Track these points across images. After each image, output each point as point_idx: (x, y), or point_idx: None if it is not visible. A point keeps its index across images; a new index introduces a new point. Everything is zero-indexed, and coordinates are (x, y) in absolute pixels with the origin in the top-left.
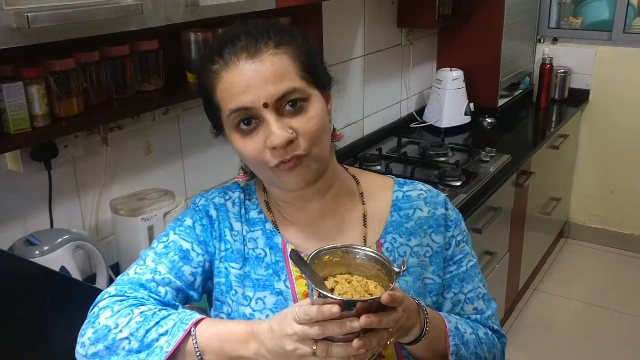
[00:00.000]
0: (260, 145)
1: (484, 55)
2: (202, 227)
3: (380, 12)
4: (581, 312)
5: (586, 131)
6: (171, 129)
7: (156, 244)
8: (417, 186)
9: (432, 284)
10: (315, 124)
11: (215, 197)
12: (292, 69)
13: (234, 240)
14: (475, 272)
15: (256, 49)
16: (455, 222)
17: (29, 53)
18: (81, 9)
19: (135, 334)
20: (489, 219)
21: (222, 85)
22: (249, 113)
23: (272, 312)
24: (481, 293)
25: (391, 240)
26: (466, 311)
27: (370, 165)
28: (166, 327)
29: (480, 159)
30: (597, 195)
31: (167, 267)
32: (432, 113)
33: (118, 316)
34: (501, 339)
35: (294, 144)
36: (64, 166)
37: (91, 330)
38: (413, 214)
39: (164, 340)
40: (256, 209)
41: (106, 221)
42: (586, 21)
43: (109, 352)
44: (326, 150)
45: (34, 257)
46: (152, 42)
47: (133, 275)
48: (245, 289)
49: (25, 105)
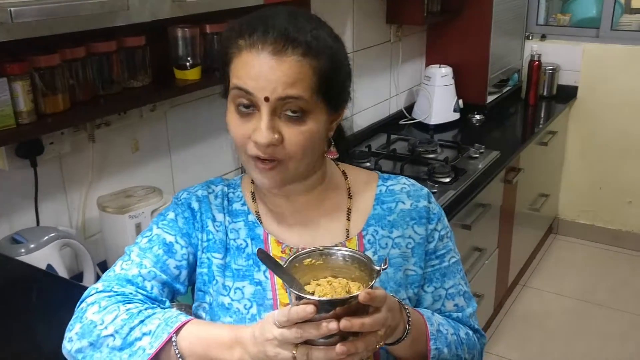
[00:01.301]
0: (248, 132)
1: (473, 52)
2: (184, 220)
3: (369, 8)
4: (570, 307)
5: (574, 128)
6: (158, 125)
7: (140, 238)
8: (400, 180)
9: (413, 275)
10: (305, 140)
11: (198, 190)
12: (307, 80)
13: (216, 230)
14: (457, 269)
15: (284, 49)
16: (438, 215)
17: (13, 49)
18: (66, 4)
19: (119, 331)
20: (478, 215)
21: (238, 61)
22: (249, 97)
23: (250, 302)
24: (462, 290)
25: (373, 233)
26: (447, 307)
27: (359, 162)
28: (150, 326)
29: (469, 156)
30: (585, 191)
31: (152, 261)
32: (422, 110)
33: (105, 313)
34: (481, 339)
35: (276, 148)
36: (50, 163)
37: (79, 325)
38: (395, 207)
39: (147, 341)
40: (240, 201)
41: (93, 219)
42: (574, 18)
43: (92, 348)
44: (305, 166)
45: (19, 255)
46: (139, 38)
47: (120, 271)
48: (225, 279)
49: (9, 101)
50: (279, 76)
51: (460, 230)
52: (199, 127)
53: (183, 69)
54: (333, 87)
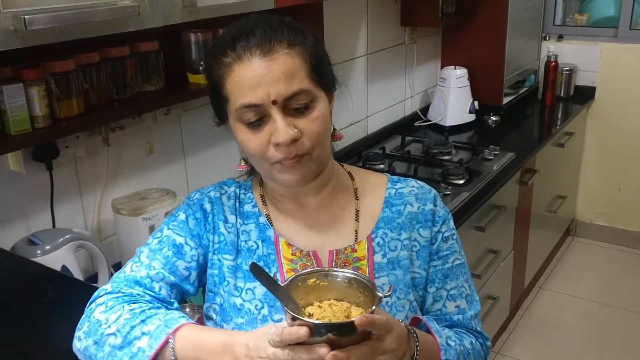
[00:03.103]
0: (265, 141)
1: (489, 53)
2: (195, 221)
3: (383, 10)
4: (588, 310)
5: (592, 129)
6: (173, 129)
7: (151, 240)
8: (409, 183)
9: (418, 277)
10: (319, 125)
11: (211, 191)
12: (302, 69)
13: (228, 232)
14: (461, 271)
15: (270, 46)
16: (442, 218)
17: (29, 55)
18: (78, 11)
19: (121, 330)
20: (493, 217)
21: (233, 79)
22: (258, 110)
23: (262, 302)
24: (465, 293)
25: (382, 235)
26: (448, 308)
27: (373, 164)
28: (150, 326)
29: (483, 157)
30: (603, 193)
31: (161, 263)
32: (437, 111)
33: (110, 312)
34: (485, 343)
35: (298, 143)
36: (66, 166)
37: (87, 324)
38: (404, 210)
39: (146, 341)
40: (251, 202)
41: (108, 221)
42: (592, 18)
43: (97, 346)
44: (327, 151)
45: (35, 256)
46: (153, 43)
47: (129, 272)
48: (237, 280)
49: (25, 106)
50: (277, 75)
51: (474, 232)
52: (212, 131)
53: (196, 73)
54: (323, 68)
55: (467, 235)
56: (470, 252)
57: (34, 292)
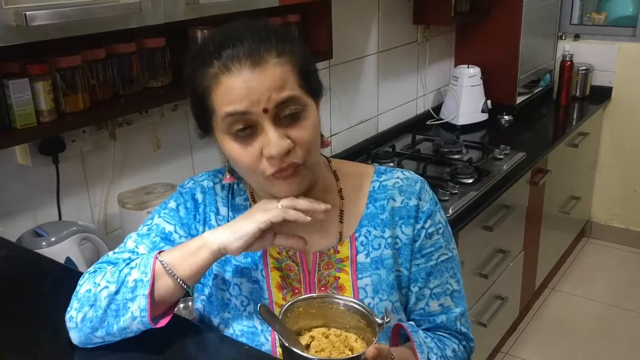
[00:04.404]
0: (257, 153)
1: (502, 52)
2: (186, 210)
3: (396, 9)
4: (601, 313)
5: (608, 129)
6: (180, 125)
7: (141, 227)
8: (394, 174)
9: (402, 276)
10: (310, 134)
11: (205, 179)
12: (292, 77)
13: (218, 224)
14: (446, 267)
15: (260, 56)
16: (427, 213)
17: (37, 51)
18: (79, 8)
19: (110, 280)
20: (501, 217)
21: (220, 90)
22: (246, 119)
23: (248, 299)
24: (450, 289)
25: (365, 234)
26: (431, 307)
27: (382, 162)
28: (135, 262)
29: (494, 157)
30: (619, 194)
31: (147, 248)
32: (449, 110)
33: (94, 278)
34: (469, 344)
35: (291, 153)
36: (72, 160)
37: (76, 302)
38: (387, 204)
39: (136, 272)
40: (243, 195)
41: (115, 215)
42: (610, 17)
43: (94, 309)
44: (318, 158)
45: (40, 248)
46: (159, 39)
47: (112, 255)
48: (225, 273)
49: (31, 101)
50: (267, 85)
51: (482, 232)
52: None
53: None
54: (311, 74)
55: (474, 235)
56: (478, 251)
57: (34, 282)
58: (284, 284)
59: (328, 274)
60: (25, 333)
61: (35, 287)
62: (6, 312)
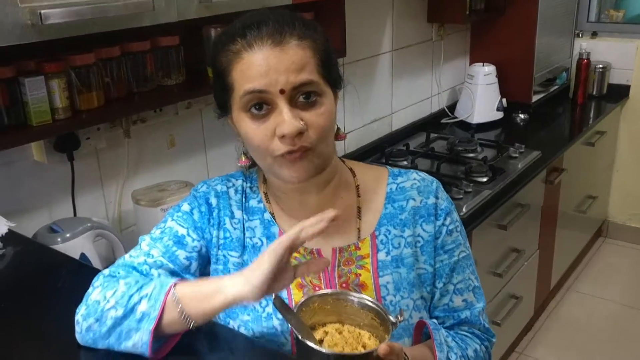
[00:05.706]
0: (270, 132)
1: (518, 50)
2: (200, 214)
3: (410, 7)
4: (616, 313)
5: (626, 128)
6: (194, 122)
7: (154, 230)
8: (410, 176)
9: (425, 274)
10: (325, 120)
11: (218, 184)
12: (312, 62)
13: (234, 228)
14: (467, 263)
15: (282, 37)
16: (445, 210)
17: (53, 49)
18: (93, 6)
19: (119, 302)
20: (516, 216)
21: (241, 66)
22: (263, 97)
23: (266, 300)
24: (472, 285)
25: (385, 232)
26: (455, 302)
27: (396, 160)
28: (147, 290)
29: (509, 155)
30: (637, 193)
31: (160, 251)
32: (464, 109)
33: (106, 290)
34: (491, 340)
35: (303, 135)
36: (87, 157)
37: (84, 307)
38: (407, 205)
39: (145, 304)
40: (256, 197)
41: (129, 211)
42: (628, 14)
43: (98, 324)
44: (330, 148)
45: (55, 244)
46: (173, 37)
47: (128, 259)
48: None
49: (46, 98)
50: (287, 65)
51: (496, 231)
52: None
53: None
54: (331, 64)
55: (488, 233)
56: (492, 250)
57: (48, 278)
58: (303, 281)
59: (349, 271)
60: (39, 327)
61: (50, 282)
62: (21, 307)
